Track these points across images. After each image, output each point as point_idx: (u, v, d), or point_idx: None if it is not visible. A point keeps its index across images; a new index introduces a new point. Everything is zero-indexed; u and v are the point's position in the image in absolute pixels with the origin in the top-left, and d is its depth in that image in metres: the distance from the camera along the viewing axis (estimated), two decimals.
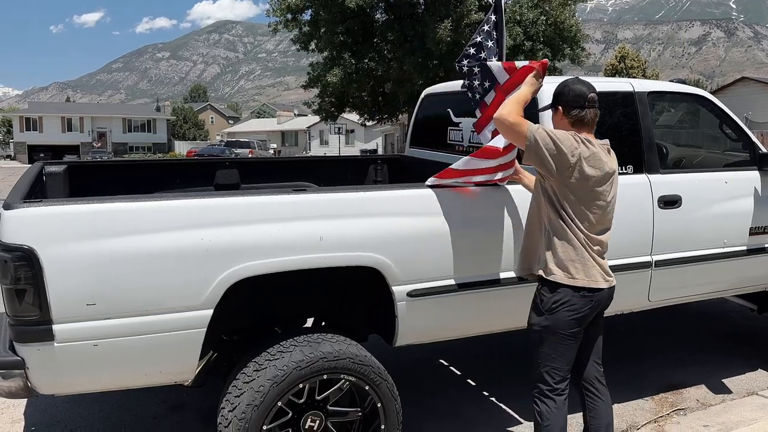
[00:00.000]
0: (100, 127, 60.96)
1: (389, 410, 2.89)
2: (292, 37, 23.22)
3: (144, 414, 3.90)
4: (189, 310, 2.58)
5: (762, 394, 4.15)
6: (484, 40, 3.28)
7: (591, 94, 2.77)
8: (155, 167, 4.60)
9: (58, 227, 2.41)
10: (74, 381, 2.57)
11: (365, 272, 2.92)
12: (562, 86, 2.85)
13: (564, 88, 2.83)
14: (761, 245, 3.99)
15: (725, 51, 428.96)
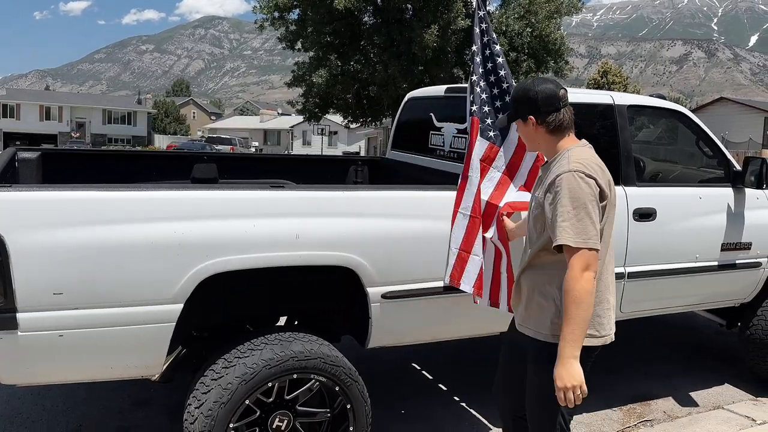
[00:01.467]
0: (79, 118, 60.13)
1: (359, 412, 2.87)
2: (278, 35, 23.13)
3: (110, 408, 3.84)
4: (158, 304, 2.54)
5: (728, 408, 4.21)
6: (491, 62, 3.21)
7: (561, 91, 2.40)
8: (132, 158, 4.54)
9: (27, 214, 2.36)
10: (38, 371, 2.52)
11: (340, 272, 2.90)
12: (525, 91, 2.40)
13: (529, 93, 2.38)
14: (732, 261, 4.05)
15: (705, 71, 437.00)
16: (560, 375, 2.17)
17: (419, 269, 3.05)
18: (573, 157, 2.32)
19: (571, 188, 2.21)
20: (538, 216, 2.37)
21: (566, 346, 2.17)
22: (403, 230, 2.98)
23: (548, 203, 2.28)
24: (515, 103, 2.46)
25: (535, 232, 2.42)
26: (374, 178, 4.98)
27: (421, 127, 4.45)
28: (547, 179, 2.34)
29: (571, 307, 2.16)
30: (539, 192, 2.40)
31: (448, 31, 20.06)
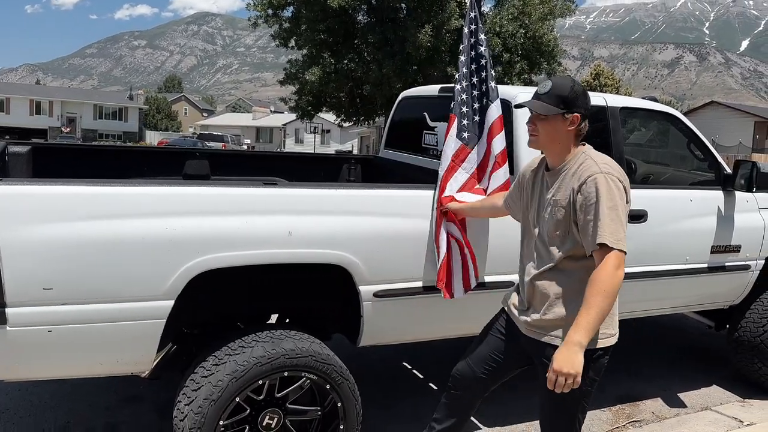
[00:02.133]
0: (70, 113, 59.70)
1: (349, 410, 2.87)
2: (272, 32, 23.06)
3: (98, 404, 3.81)
4: (149, 300, 2.53)
5: (716, 409, 4.24)
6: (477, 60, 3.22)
7: None
8: (123, 154, 4.51)
9: (17, 208, 2.34)
10: (26, 367, 2.50)
11: (332, 270, 2.90)
12: (578, 89, 2.35)
13: (581, 92, 2.36)
14: (722, 263, 4.08)
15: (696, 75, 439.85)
16: (564, 359, 2.14)
17: (411, 268, 3.05)
18: (598, 159, 2.33)
19: (606, 190, 2.22)
20: (562, 219, 2.32)
21: (579, 332, 2.14)
22: (395, 229, 2.98)
23: (579, 205, 2.27)
24: (569, 96, 2.32)
25: (556, 235, 2.36)
26: (367, 176, 4.97)
27: (414, 127, 4.45)
28: (571, 181, 2.31)
29: (598, 297, 2.15)
30: (559, 195, 2.35)
31: (442, 31, 20.09)
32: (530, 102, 2.39)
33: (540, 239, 2.43)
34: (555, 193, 2.37)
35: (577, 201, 2.27)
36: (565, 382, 2.14)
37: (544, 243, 2.41)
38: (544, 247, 2.41)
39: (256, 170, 4.65)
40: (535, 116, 2.38)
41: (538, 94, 2.37)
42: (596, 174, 2.25)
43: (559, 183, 2.37)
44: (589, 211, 2.22)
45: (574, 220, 2.29)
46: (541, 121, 2.36)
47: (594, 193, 2.22)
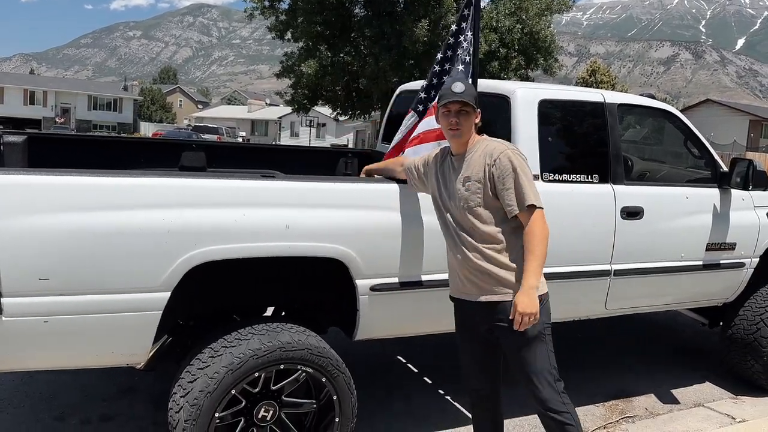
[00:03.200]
0: (64, 103, 59.36)
1: (345, 403, 2.88)
2: (268, 24, 22.97)
3: (93, 395, 3.81)
4: (145, 292, 2.53)
5: (708, 405, 4.26)
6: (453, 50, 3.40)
7: None
8: (120, 144, 4.48)
9: (13, 198, 2.33)
10: (21, 357, 2.49)
11: (329, 263, 2.90)
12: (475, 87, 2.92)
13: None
14: (717, 261, 4.10)
15: (692, 73, 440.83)
16: (523, 302, 2.50)
17: (408, 262, 3.05)
18: (499, 141, 2.74)
19: (518, 162, 2.62)
20: (478, 190, 2.64)
21: (531, 277, 2.52)
22: (393, 223, 2.99)
23: (497, 177, 2.60)
24: (476, 95, 2.73)
25: (474, 206, 2.65)
26: None
27: None
28: (480, 159, 2.66)
29: (539, 246, 2.54)
30: (470, 171, 2.66)
31: (438, 26, 20.07)
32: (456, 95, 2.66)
33: (459, 217, 2.70)
34: (465, 171, 2.69)
35: (494, 174, 2.61)
36: (529, 321, 2.51)
37: (465, 219, 2.68)
38: (466, 222, 2.68)
39: (252, 163, 4.63)
40: (458, 111, 2.67)
41: (458, 93, 2.66)
42: (505, 150, 2.65)
43: (467, 163, 2.70)
44: (508, 181, 2.59)
45: (491, 191, 2.62)
46: (463, 115, 2.67)
47: (509, 165, 2.60)
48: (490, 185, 2.63)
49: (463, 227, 2.71)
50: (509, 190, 2.60)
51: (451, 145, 2.80)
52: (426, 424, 3.75)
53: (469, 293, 2.75)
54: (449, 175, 2.78)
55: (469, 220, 2.67)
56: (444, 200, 2.80)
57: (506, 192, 2.60)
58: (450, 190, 2.76)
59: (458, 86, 2.67)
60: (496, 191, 2.63)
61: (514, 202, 2.60)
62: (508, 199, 2.61)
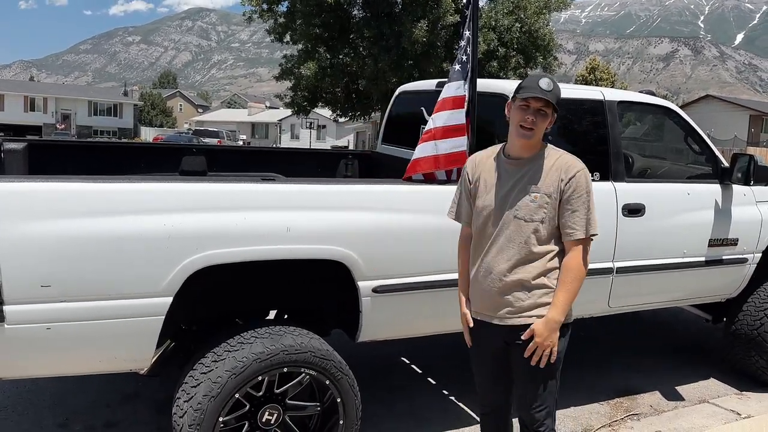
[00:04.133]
0: (64, 109, 59.43)
1: (349, 406, 2.87)
2: (267, 27, 22.99)
3: (97, 401, 3.81)
4: (148, 297, 2.52)
5: (713, 402, 4.26)
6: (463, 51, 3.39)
7: None
8: (120, 150, 4.49)
9: (14, 205, 2.33)
10: (24, 364, 2.49)
11: (331, 266, 2.89)
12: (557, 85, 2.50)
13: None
14: (719, 257, 4.09)
15: (692, 68, 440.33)
16: (543, 333, 2.40)
17: (410, 263, 3.05)
18: (566, 153, 2.50)
19: (591, 184, 2.45)
20: (545, 206, 2.41)
21: (559, 312, 2.40)
22: (394, 224, 2.98)
23: (567, 196, 2.40)
24: (558, 97, 2.43)
25: (534, 221, 2.42)
26: (365, 172, 4.96)
27: (411, 121, 4.44)
28: (553, 172, 2.42)
29: (575, 283, 2.41)
30: (540, 183, 2.42)
31: (437, 26, 20.06)
32: (549, 98, 2.37)
33: (513, 228, 2.45)
34: (532, 179, 2.44)
35: (566, 192, 2.40)
36: (543, 353, 2.41)
37: (519, 232, 2.44)
38: (519, 236, 2.44)
39: (252, 166, 4.63)
40: (538, 109, 2.38)
41: (545, 90, 2.37)
42: (583, 169, 2.44)
43: (534, 172, 2.45)
44: (579, 203, 2.40)
45: (556, 208, 2.42)
46: (541, 116, 2.40)
47: (585, 187, 2.41)
48: (558, 203, 2.43)
49: (513, 240, 2.45)
50: (576, 213, 2.40)
51: (514, 144, 2.49)
52: (430, 425, 3.74)
53: (496, 312, 2.51)
54: (503, 179, 2.50)
55: (525, 235, 2.43)
56: (487, 206, 2.51)
57: (573, 215, 2.40)
58: (502, 196, 2.48)
59: (545, 82, 2.39)
60: (560, 209, 2.42)
61: (579, 228, 2.41)
62: (572, 222, 2.41)
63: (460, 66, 3.35)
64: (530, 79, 2.44)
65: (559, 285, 2.43)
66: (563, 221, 2.42)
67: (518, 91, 2.43)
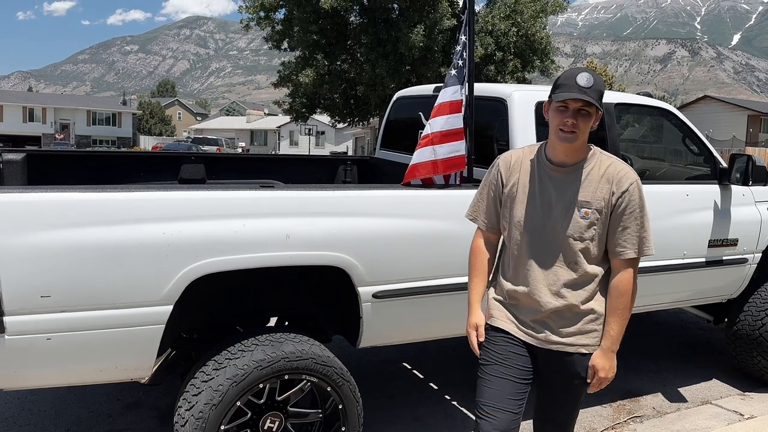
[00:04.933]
0: (63, 119, 59.56)
1: (351, 412, 2.86)
2: (264, 35, 23.06)
3: (99, 411, 3.80)
4: (148, 306, 2.51)
5: (716, 403, 4.25)
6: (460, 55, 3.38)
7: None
8: (119, 159, 4.49)
9: (14, 216, 2.32)
10: (25, 375, 2.48)
11: (331, 272, 2.89)
12: (602, 81, 2.22)
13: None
14: (719, 257, 4.09)
15: (689, 70, 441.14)
16: (605, 367, 2.25)
17: (410, 268, 3.04)
18: (616, 159, 2.26)
19: (643, 196, 2.21)
20: (596, 222, 2.19)
21: (615, 342, 2.24)
22: (393, 229, 2.98)
23: (620, 210, 2.18)
24: (603, 92, 2.18)
25: (585, 239, 2.20)
26: (363, 177, 4.97)
27: (409, 126, 4.45)
28: (603, 183, 2.18)
29: (626, 309, 2.24)
30: (589, 196, 2.18)
31: (434, 31, 20.11)
32: (589, 98, 2.09)
33: (558, 245, 2.23)
34: (581, 192, 2.19)
35: (619, 206, 2.18)
36: (605, 385, 2.29)
37: (568, 250, 2.22)
38: (568, 254, 2.22)
39: (252, 173, 4.64)
40: (578, 110, 2.12)
41: (584, 87, 2.11)
42: (636, 181, 2.20)
43: (582, 182, 2.20)
44: (632, 219, 2.18)
45: (607, 223, 2.20)
46: (583, 117, 2.13)
47: (638, 201, 2.19)
48: (608, 218, 2.20)
49: (560, 259, 2.23)
50: (628, 230, 2.18)
51: (555, 149, 2.23)
52: (433, 431, 3.73)
53: (535, 332, 2.30)
54: (547, 187, 2.25)
55: (574, 254, 2.21)
56: (529, 218, 2.27)
57: (625, 232, 2.19)
58: (546, 208, 2.24)
59: (584, 78, 2.12)
60: (610, 225, 2.20)
61: (630, 247, 2.19)
62: (623, 240, 2.19)
63: (456, 71, 3.36)
64: (567, 75, 2.17)
65: (612, 312, 2.23)
66: (613, 238, 2.20)
67: (554, 90, 2.17)
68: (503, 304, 2.38)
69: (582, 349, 2.29)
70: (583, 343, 2.28)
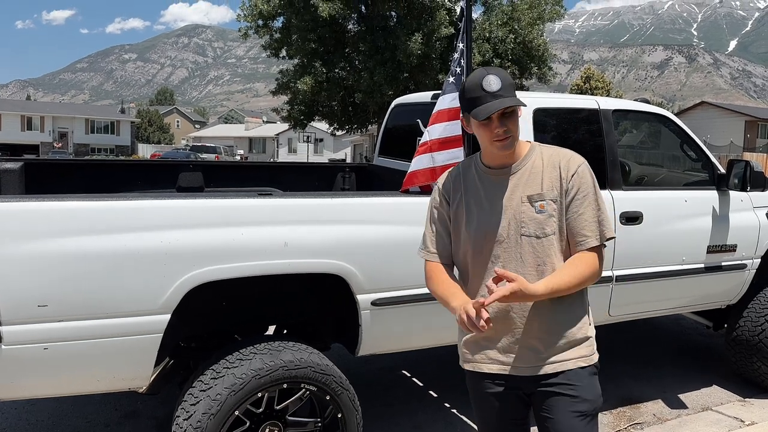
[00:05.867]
0: (61, 127, 59.61)
1: (350, 421, 2.85)
2: (262, 43, 23.12)
3: (96, 421, 3.78)
4: (145, 315, 2.51)
5: (716, 409, 4.23)
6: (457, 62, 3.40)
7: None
8: (117, 168, 4.48)
9: (11, 225, 2.32)
10: (22, 385, 2.47)
11: (329, 280, 2.88)
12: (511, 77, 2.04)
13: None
14: (718, 263, 4.08)
15: (686, 76, 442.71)
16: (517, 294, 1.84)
17: (409, 276, 3.03)
18: (553, 146, 2.12)
19: (593, 177, 2.04)
20: (554, 213, 2.00)
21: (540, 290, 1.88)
22: (392, 237, 2.97)
23: (572, 196, 1.99)
24: (511, 83, 1.99)
25: (547, 234, 2.01)
26: (362, 184, 4.97)
27: (408, 133, 4.45)
28: (548, 172, 2.01)
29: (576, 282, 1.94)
30: (542, 188, 2.01)
31: (432, 39, 20.17)
32: (509, 100, 1.93)
33: (521, 251, 2.01)
34: (526, 186, 2.02)
35: (570, 190, 2.00)
36: (508, 294, 1.83)
37: (531, 254, 2.01)
38: (531, 259, 2.01)
39: (250, 181, 4.64)
40: (502, 114, 1.95)
41: (497, 92, 1.92)
42: (584, 163, 2.04)
43: (529, 176, 2.03)
44: (586, 203, 1.99)
45: (564, 213, 2.01)
46: (509, 117, 1.96)
47: (590, 182, 2.02)
48: (565, 206, 2.01)
49: (524, 264, 2.00)
50: (584, 216, 1.99)
51: (494, 155, 2.05)
52: None
53: (518, 361, 2.04)
54: (492, 193, 2.06)
55: (542, 254, 2.00)
56: (481, 230, 2.05)
57: (581, 219, 1.99)
58: (497, 215, 2.04)
59: (491, 82, 1.93)
60: (566, 214, 2.01)
61: (592, 233, 1.98)
62: (581, 227, 1.99)
63: (454, 78, 3.36)
64: (472, 86, 1.96)
65: (559, 270, 1.97)
66: (571, 228, 2.00)
67: (466, 104, 1.99)
68: (474, 341, 2.11)
69: (580, 362, 2.03)
70: (580, 355, 2.04)
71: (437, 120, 3.35)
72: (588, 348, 2.08)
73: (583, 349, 2.06)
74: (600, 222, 2.01)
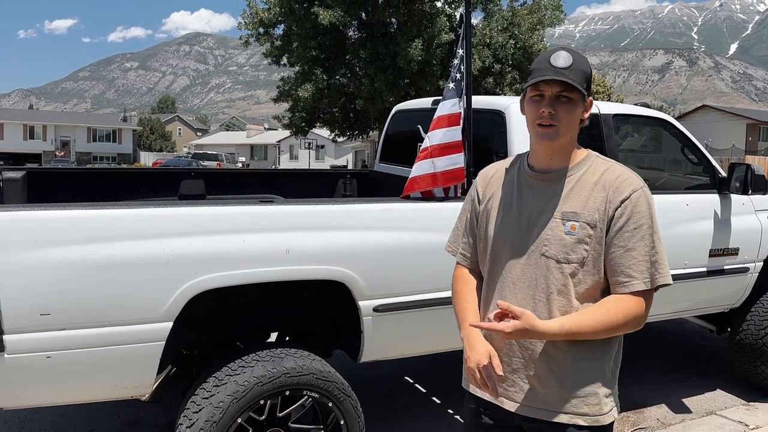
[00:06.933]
0: (63, 136, 59.81)
1: (353, 428, 2.84)
2: (264, 50, 23.19)
3: (99, 430, 3.77)
4: (147, 323, 2.51)
5: (720, 413, 4.22)
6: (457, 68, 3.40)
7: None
8: (119, 176, 4.50)
9: (13, 233, 2.32)
10: (25, 394, 2.47)
11: (331, 286, 2.88)
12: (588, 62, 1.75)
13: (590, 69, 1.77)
14: (720, 267, 4.07)
15: (687, 79, 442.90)
16: (520, 331, 1.58)
17: (410, 282, 3.04)
18: (615, 163, 1.80)
19: (651, 207, 1.70)
20: (587, 239, 1.68)
21: (554, 329, 1.61)
22: (393, 243, 2.97)
23: (619, 226, 1.67)
24: (589, 74, 1.73)
25: (574, 261, 1.69)
26: (363, 190, 4.97)
27: (408, 139, 4.46)
28: (597, 191, 1.70)
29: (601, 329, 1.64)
30: (578, 206, 1.70)
31: (432, 45, 20.21)
32: (569, 80, 1.65)
33: (542, 269, 1.72)
34: (565, 200, 1.72)
35: (618, 219, 1.67)
36: (507, 330, 1.58)
37: (550, 277, 1.71)
38: (550, 280, 1.71)
39: (252, 188, 4.64)
40: (556, 96, 1.68)
41: (558, 68, 1.67)
42: (642, 187, 1.70)
43: (570, 191, 1.72)
44: (636, 238, 1.65)
45: (605, 241, 1.68)
46: (564, 104, 1.68)
47: (645, 213, 1.67)
48: (607, 234, 1.68)
49: (538, 289, 1.73)
50: (633, 253, 1.65)
51: (537, 151, 1.80)
52: None
53: (509, 395, 1.81)
54: (526, 198, 1.78)
55: (556, 283, 1.70)
56: (502, 236, 1.80)
57: (629, 256, 1.66)
58: (523, 223, 1.76)
59: (561, 57, 1.67)
60: (607, 246, 1.68)
61: (639, 276, 1.65)
62: (627, 267, 1.66)
63: (454, 84, 3.37)
64: (540, 58, 1.73)
65: (584, 310, 1.66)
66: (613, 264, 1.67)
67: (528, 76, 1.73)
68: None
69: (578, 419, 1.71)
70: (581, 413, 1.71)
71: (438, 126, 3.35)
72: (595, 407, 1.72)
73: (588, 407, 1.72)
74: (653, 263, 1.66)
